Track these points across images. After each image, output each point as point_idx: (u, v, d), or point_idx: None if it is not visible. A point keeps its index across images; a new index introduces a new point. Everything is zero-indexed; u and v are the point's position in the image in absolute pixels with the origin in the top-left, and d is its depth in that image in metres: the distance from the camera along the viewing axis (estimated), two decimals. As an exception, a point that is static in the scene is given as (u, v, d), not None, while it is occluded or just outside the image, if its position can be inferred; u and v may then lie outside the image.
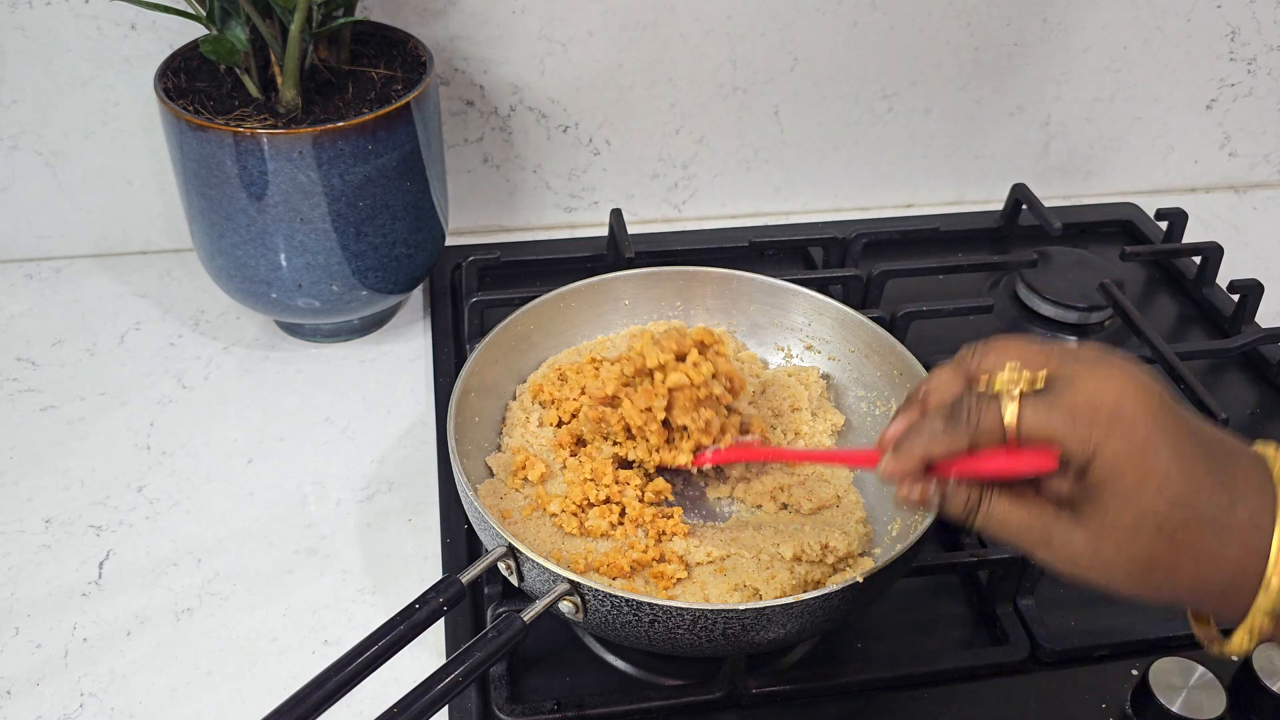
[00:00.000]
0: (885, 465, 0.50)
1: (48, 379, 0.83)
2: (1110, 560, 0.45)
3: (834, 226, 0.99)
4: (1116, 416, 0.44)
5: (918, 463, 0.48)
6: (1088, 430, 0.44)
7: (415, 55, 0.82)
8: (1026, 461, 0.46)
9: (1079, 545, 0.45)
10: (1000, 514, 0.47)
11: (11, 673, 0.63)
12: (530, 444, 0.70)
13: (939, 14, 0.95)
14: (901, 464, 0.49)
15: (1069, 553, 0.46)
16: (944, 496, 0.48)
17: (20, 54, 0.85)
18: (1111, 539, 0.44)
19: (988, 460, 0.47)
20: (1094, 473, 0.44)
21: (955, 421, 0.47)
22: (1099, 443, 0.43)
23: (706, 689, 0.61)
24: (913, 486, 0.49)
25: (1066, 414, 0.44)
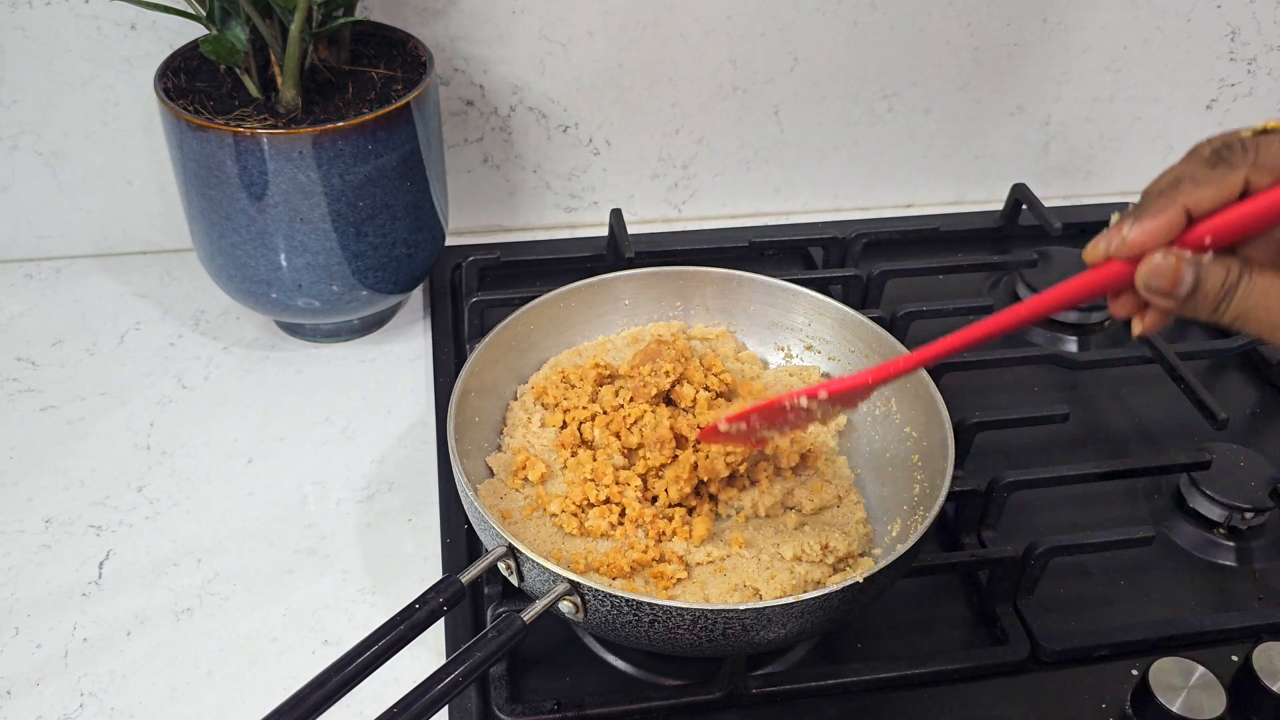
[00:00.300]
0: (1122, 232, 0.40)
1: (48, 379, 0.83)
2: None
3: (834, 226, 0.99)
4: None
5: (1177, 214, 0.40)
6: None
7: (415, 55, 0.82)
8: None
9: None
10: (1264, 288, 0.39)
11: (11, 673, 0.63)
12: (531, 444, 0.70)
13: (939, 14, 0.95)
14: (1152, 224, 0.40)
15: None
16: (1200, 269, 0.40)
17: (20, 54, 0.85)
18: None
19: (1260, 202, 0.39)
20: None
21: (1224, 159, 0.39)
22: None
23: (706, 689, 0.61)
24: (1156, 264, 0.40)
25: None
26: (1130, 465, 0.73)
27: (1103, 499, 0.76)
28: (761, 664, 0.64)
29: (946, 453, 0.64)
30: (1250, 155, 0.39)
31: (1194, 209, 0.40)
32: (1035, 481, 0.70)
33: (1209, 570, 0.72)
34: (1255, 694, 0.60)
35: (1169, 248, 0.41)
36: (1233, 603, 0.70)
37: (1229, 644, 0.65)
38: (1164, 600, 0.70)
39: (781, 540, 0.64)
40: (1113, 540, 0.67)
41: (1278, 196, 0.39)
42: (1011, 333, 0.51)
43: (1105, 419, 0.83)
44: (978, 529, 0.71)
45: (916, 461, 0.68)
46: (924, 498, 0.66)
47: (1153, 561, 0.72)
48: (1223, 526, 0.73)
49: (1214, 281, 0.40)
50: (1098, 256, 0.43)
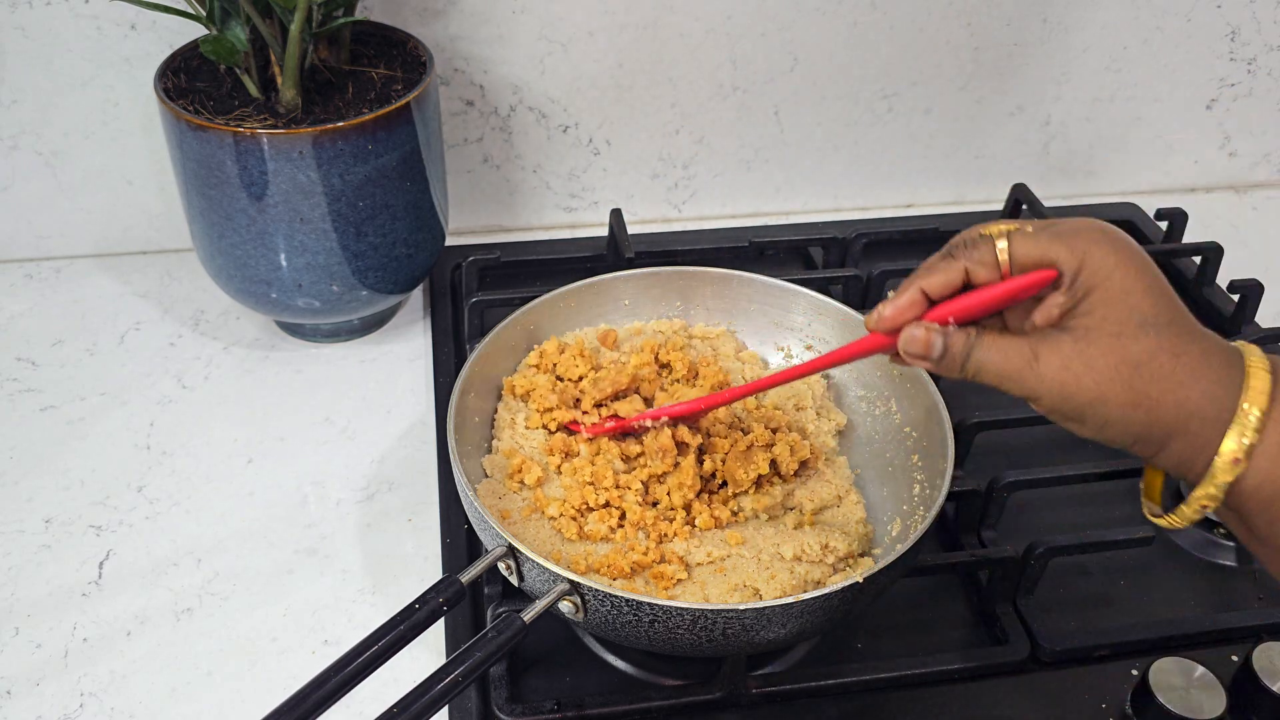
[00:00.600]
0: (881, 309, 0.51)
1: (48, 379, 0.83)
2: (1099, 359, 0.46)
3: (834, 226, 0.99)
4: (1100, 232, 0.47)
5: (916, 295, 0.50)
6: (1074, 241, 0.47)
7: (415, 55, 0.82)
8: (1025, 281, 0.48)
9: (1067, 349, 0.47)
10: (990, 343, 0.49)
11: (11, 673, 0.63)
12: (521, 445, 0.70)
13: (939, 14, 0.95)
14: (900, 301, 0.51)
15: (1057, 359, 0.47)
16: (946, 337, 0.49)
17: (20, 54, 0.85)
18: (1101, 335, 0.46)
19: (987, 291, 0.49)
20: (1083, 276, 0.46)
21: (950, 254, 0.50)
22: (1086, 249, 0.46)
23: (706, 689, 0.61)
24: (913, 334, 0.50)
25: (1054, 235, 0.47)
26: (1130, 465, 0.73)
27: (1103, 499, 0.76)
28: (761, 664, 0.64)
29: (946, 453, 0.64)
30: (970, 251, 0.49)
31: (929, 291, 0.50)
32: (1035, 481, 0.70)
33: (1209, 570, 0.72)
34: (1255, 694, 0.60)
35: (922, 321, 0.50)
36: (1233, 603, 0.70)
37: (1229, 644, 0.65)
38: (1164, 600, 0.70)
39: (781, 540, 0.64)
40: (1113, 540, 0.67)
41: (993, 293, 0.49)
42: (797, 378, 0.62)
43: (1105, 419, 0.83)
44: (978, 529, 0.71)
45: (916, 461, 0.68)
46: (924, 498, 0.66)
47: (1153, 561, 0.72)
48: (1223, 526, 0.73)
49: (956, 347, 0.50)
50: (869, 326, 0.53)
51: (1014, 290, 0.49)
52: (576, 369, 0.72)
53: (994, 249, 0.49)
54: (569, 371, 0.72)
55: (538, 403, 0.70)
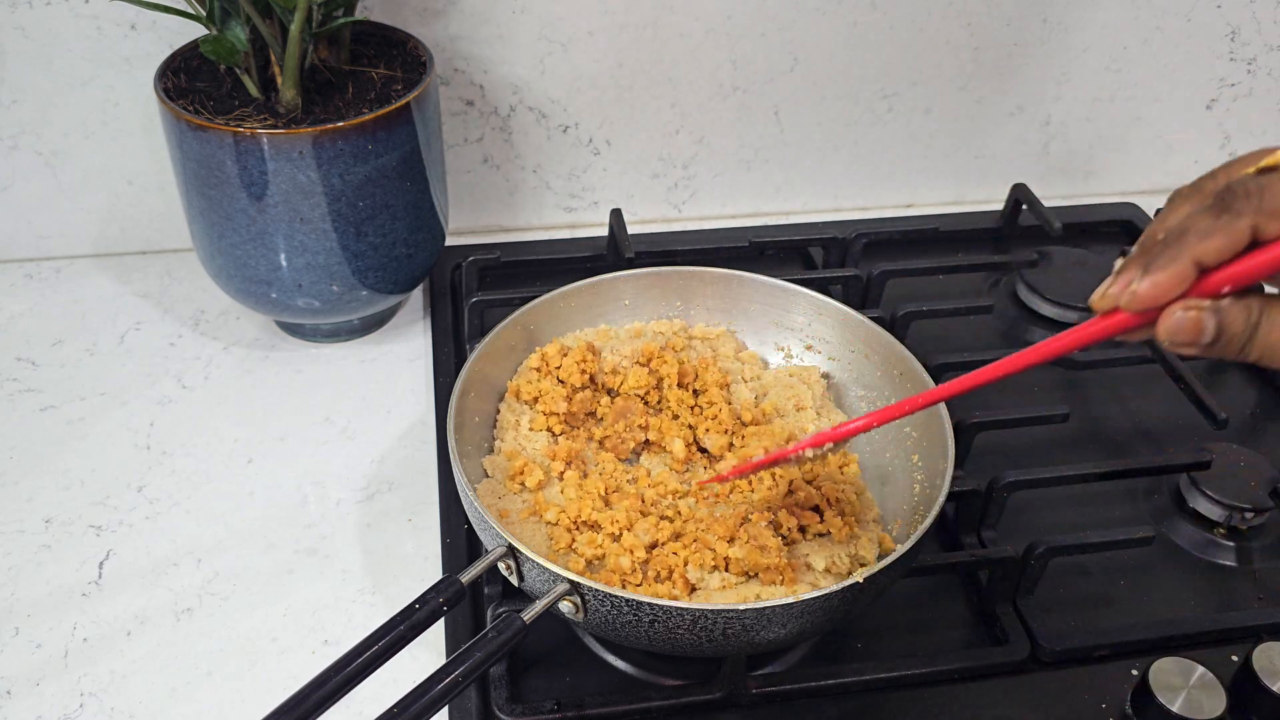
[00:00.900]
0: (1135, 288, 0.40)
1: (48, 379, 0.83)
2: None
3: (834, 226, 0.99)
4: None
5: (1188, 268, 0.39)
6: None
7: (415, 55, 0.82)
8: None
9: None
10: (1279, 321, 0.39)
11: (11, 673, 0.63)
12: (524, 448, 0.70)
13: (939, 14, 0.95)
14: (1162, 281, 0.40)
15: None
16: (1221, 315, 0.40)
17: (20, 54, 0.85)
18: None
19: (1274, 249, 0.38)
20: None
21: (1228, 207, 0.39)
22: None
23: (706, 689, 0.61)
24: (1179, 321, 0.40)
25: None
26: (1130, 465, 0.73)
27: (1103, 499, 0.76)
28: (761, 664, 0.64)
29: (946, 453, 0.64)
30: (1255, 200, 0.39)
31: (1204, 260, 0.40)
32: (1035, 481, 0.70)
33: (1209, 570, 0.72)
34: (1255, 694, 0.60)
35: (1186, 299, 0.41)
36: (1233, 603, 0.70)
37: (1229, 644, 0.65)
38: (1164, 600, 0.70)
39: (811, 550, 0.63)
40: (1113, 540, 0.67)
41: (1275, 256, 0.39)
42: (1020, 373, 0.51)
43: (1105, 419, 0.83)
44: (978, 529, 0.71)
45: (916, 461, 0.68)
46: (924, 498, 0.66)
47: (1153, 561, 0.72)
48: (1223, 526, 0.73)
49: (1236, 326, 0.40)
50: (1107, 306, 0.43)
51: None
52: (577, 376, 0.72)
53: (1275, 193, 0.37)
54: (570, 376, 0.72)
55: (546, 406, 0.70)
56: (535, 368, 0.73)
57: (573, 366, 0.72)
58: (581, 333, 0.77)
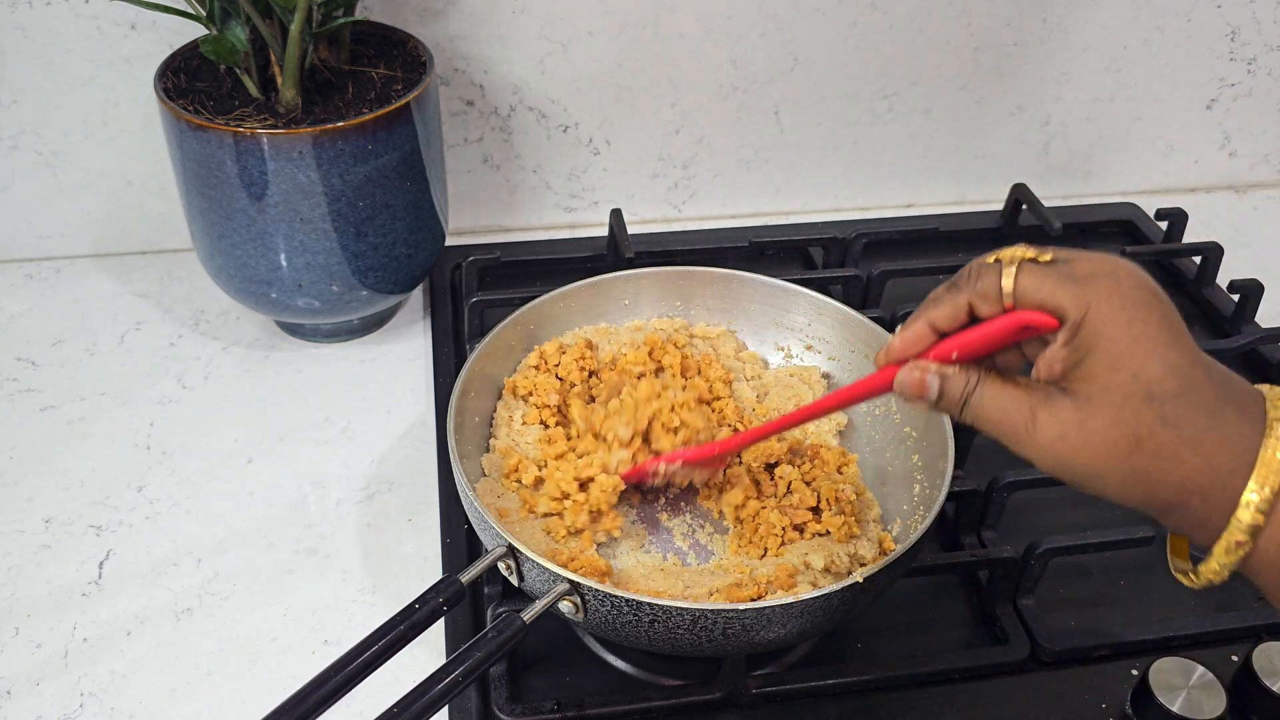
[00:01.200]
0: (891, 343, 0.49)
1: (48, 379, 0.83)
2: (1098, 434, 0.43)
3: (834, 226, 0.99)
4: (1113, 282, 0.43)
5: (923, 329, 0.48)
6: (1082, 290, 0.43)
7: (415, 55, 0.82)
8: (1017, 321, 0.45)
9: (1066, 416, 0.44)
10: (991, 394, 0.46)
11: (11, 673, 0.63)
12: (516, 443, 0.70)
13: (939, 14, 0.95)
14: (906, 335, 0.48)
15: (1055, 428, 0.44)
16: (943, 380, 0.47)
17: (20, 54, 0.85)
18: (1102, 405, 0.43)
19: (983, 327, 0.47)
20: (1085, 331, 0.43)
21: (955, 284, 0.47)
22: (1092, 302, 0.43)
23: (706, 689, 0.61)
24: (907, 376, 0.48)
25: (1063, 277, 0.44)
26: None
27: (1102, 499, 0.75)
28: (761, 664, 0.64)
29: (946, 453, 0.64)
30: (975, 282, 0.46)
31: (935, 324, 0.48)
32: (1035, 481, 0.70)
33: (1209, 570, 0.72)
34: (1255, 694, 0.60)
35: (918, 360, 0.48)
36: (1233, 603, 0.69)
37: (1229, 644, 0.65)
38: (1164, 600, 0.70)
39: (811, 551, 0.63)
40: (1113, 540, 0.67)
41: (986, 331, 0.47)
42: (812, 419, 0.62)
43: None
44: (978, 529, 0.71)
45: (916, 461, 0.68)
46: (924, 498, 0.66)
47: (1153, 561, 0.72)
48: (1223, 526, 0.73)
49: (954, 392, 0.47)
50: (880, 363, 0.51)
51: (1005, 330, 0.46)
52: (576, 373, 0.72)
53: (999, 280, 0.45)
54: (570, 374, 0.72)
55: (539, 399, 0.71)
56: (534, 366, 0.73)
57: (571, 364, 0.72)
58: (581, 330, 0.77)
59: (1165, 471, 0.43)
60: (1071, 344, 0.44)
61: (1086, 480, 0.45)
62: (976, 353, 0.47)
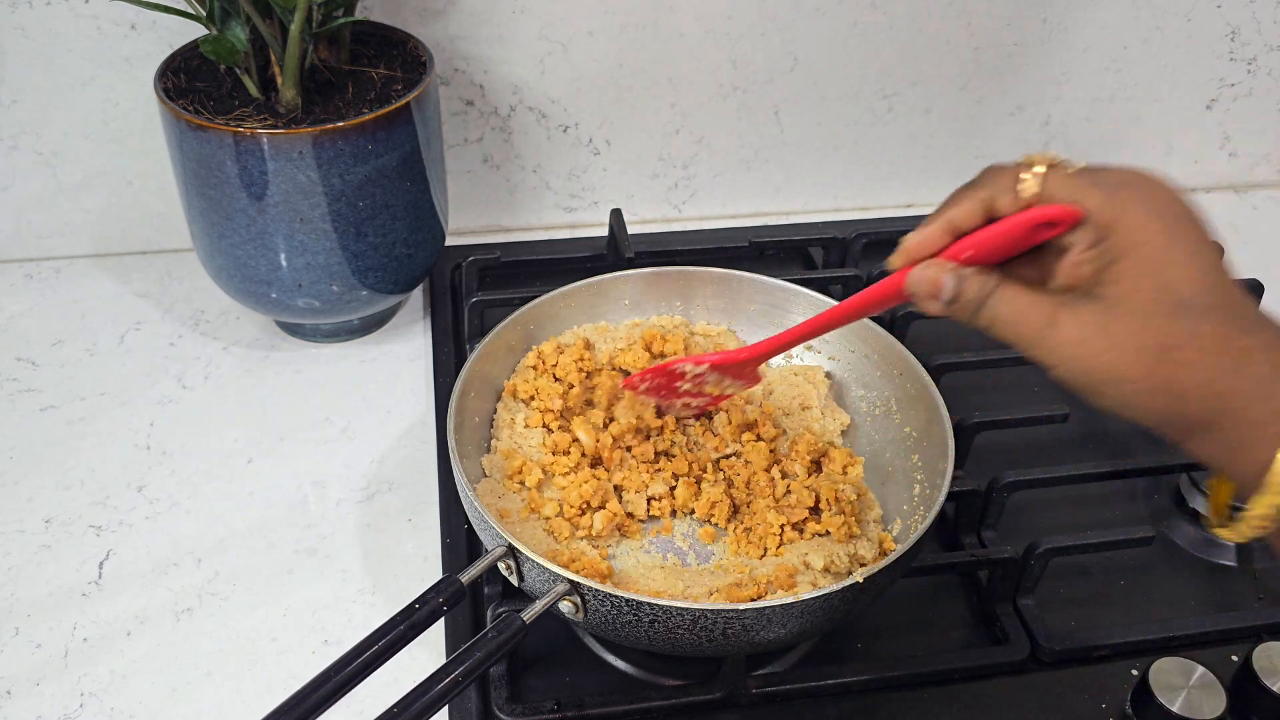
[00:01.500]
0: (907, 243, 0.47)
1: (48, 379, 0.83)
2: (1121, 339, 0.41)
3: (834, 226, 0.99)
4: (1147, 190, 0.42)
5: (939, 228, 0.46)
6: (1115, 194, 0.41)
7: (415, 55, 0.82)
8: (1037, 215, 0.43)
9: (1089, 319, 0.42)
10: (1009, 295, 0.44)
11: (11, 673, 0.63)
12: (520, 446, 0.70)
13: (939, 14, 0.95)
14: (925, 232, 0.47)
15: (1077, 329, 0.42)
16: (960, 280, 0.45)
17: (20, 54, 0.85)
18: (1127, 311, 0.41)
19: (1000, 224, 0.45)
20: (1116, 238, 0.41)
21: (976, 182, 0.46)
22: (1124, 207, 0.41)
23: (706, 689, 0.61)
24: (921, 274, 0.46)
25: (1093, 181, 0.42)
26: (1130, 465, 0.73)
27: (1103, 499, 0.76)
28: (761, 664, 0.64)
29: (946, 453, 0.64)
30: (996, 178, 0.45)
31: (954, 221, 0.47)
32: (1035, 481, 0.70)
33: (1209, 570, 0.72)
34: (1255, 694, 0.60)
35: (934, 259, 0.47)
36: (1233, 603, 0.70)
37: (1229, 644, 0.65)
38: (1164, 600, 0.70)
39: (810, 551, 0.63)
40: (1113, 540, 0.67)
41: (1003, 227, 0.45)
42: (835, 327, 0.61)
43: (1105, 419, 0.83)
44: (978, 529, 0.71)
45: (916, 461, 0.68)
46: (924, 498, 0.66)
47: (1153, 561, 0.72)
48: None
49: (970, 291, 0.45)
50: (894, 266, 0.49)
51: (1025, 224, 0.43)
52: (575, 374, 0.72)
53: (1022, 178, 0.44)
54: (567, 374, 0.72)
55: (541, 403, 0.70)
56: (532, 366, 0.73)
57: (570, 364, 0.72)
58: (580, 328, 0.77)
59: (1196, 384, 0.40)
60: (1100, 246, 0.42)
61: (1107, 386, 0.42)
62: (994, 253, 0.46)
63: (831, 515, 0.65)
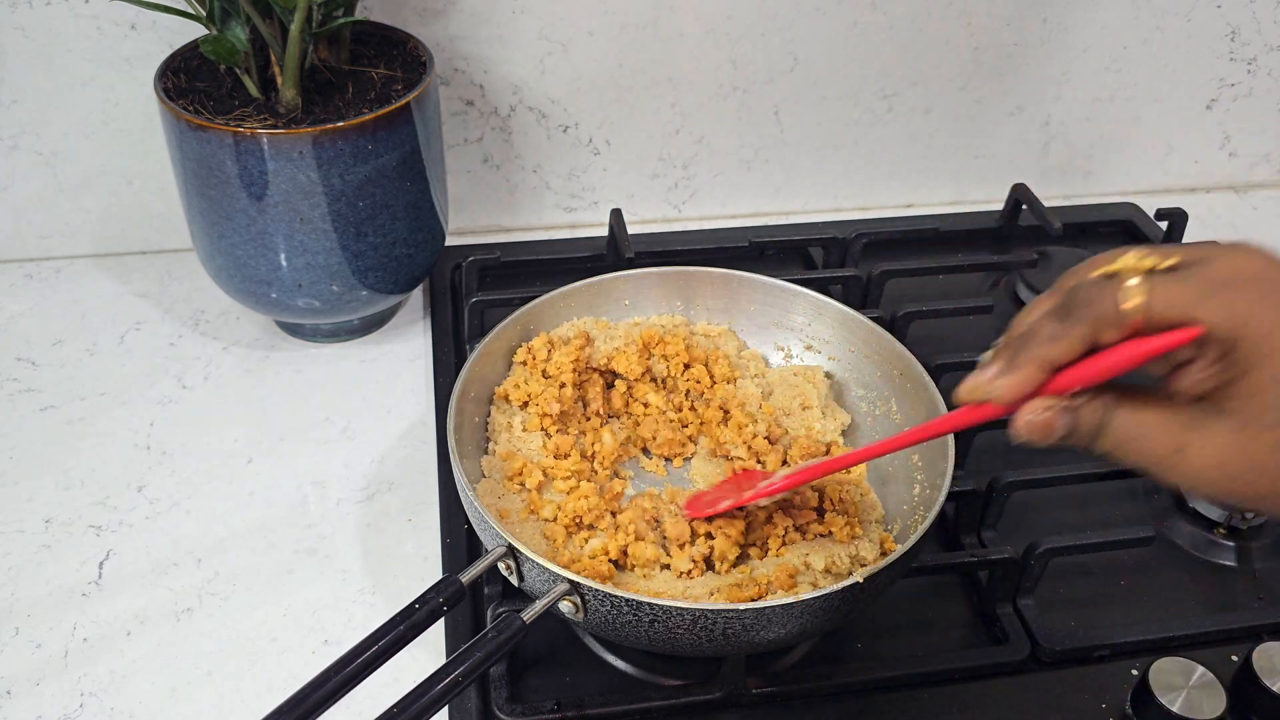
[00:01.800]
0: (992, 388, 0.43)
1: (48, 379, 0.83)
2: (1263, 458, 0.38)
3: (834, 226, 0.99)
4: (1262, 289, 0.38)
5: (1037, 371, 0.42)
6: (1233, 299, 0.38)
7: (415, 55, 0.82)
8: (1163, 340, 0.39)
9: (1222, 442, 0.39)
10: (1129, 420, 0.41)
11: (11, 673, 0.63)
12: (519, 449, 0.70)
13: (939, 14, 0.95)
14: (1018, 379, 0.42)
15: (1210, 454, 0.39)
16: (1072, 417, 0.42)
17: (20, 54, 0.85)
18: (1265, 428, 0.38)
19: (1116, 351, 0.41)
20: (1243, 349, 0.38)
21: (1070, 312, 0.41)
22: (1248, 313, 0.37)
23: (706, 689, 0.61)
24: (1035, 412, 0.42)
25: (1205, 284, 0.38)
26: (1130, 465, 0.73)
27: (1103, 499, 0.76)
28: (761, 664, 0.64)
29: (946, 453, 0.64)
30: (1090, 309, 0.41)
31: (1052, 362, 0.42)
32: (1035, 481, 0.70)
33: (1209, 570, 0.72)
34: (1255, 694, 0.60)
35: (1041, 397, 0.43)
36: (1233, 603, 0.70)
37: (1229, 644, 0.65)
38: (1164, 600, 0.70)
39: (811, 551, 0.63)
40: (1112, 540, 0.67)
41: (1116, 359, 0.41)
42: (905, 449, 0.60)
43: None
44: (978, 529, 0.71)
45: (916, 461, 0.68)
46: (924, 498, 0.66)
47: (1153, 561, 0.72)
48: (1223, 526, 0.73)
49: (1085, 425, 0.42)
50: (975, 399, 0.45)
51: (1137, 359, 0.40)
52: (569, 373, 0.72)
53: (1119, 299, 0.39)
54: (561, 372, 0.72)
55: (539, 408, 0.70)
56: (522, 362, 0.73)
57: (565, 363, 0.72)
58: (580, 320, 0.76)
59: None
60: (1223, 361, 0.39)
61: (1252, 505, 0.41)
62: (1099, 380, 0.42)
63: (834, 516, 0.65)
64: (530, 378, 0.72)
